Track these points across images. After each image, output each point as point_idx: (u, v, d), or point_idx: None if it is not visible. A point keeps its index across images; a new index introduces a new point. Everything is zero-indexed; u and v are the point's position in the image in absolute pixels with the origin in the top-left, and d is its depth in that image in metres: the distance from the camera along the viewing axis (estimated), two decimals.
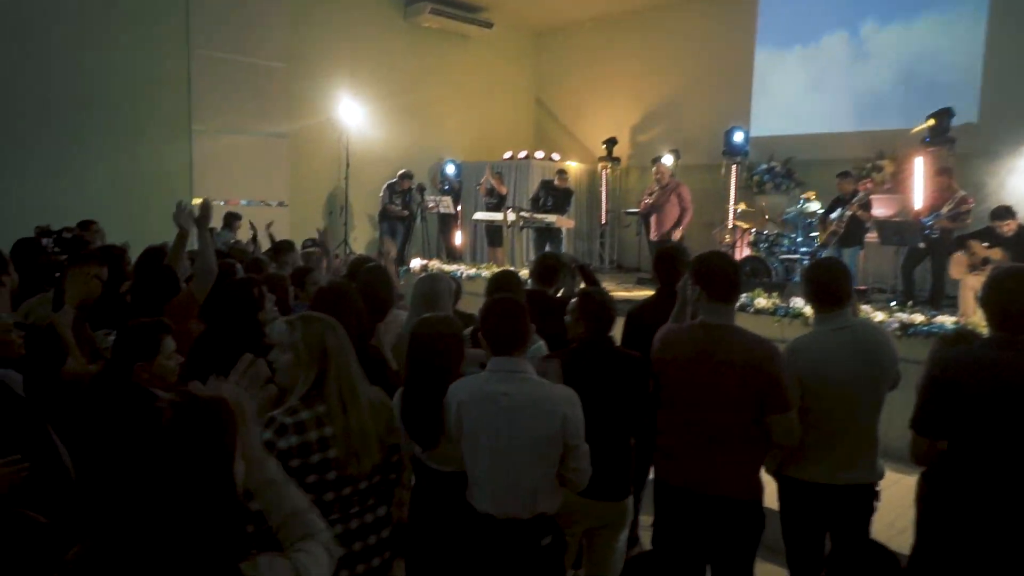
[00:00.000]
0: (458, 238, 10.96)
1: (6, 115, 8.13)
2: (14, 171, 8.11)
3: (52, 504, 2.25)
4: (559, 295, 3.98)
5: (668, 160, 9.48)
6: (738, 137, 9.95)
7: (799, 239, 8.31)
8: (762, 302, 5.78)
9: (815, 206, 8.40)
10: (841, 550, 2.70)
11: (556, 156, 11.83)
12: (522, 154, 11.63)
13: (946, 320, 4.95)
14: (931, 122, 7.92)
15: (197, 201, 8.74)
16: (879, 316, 5.11)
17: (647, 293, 8.04)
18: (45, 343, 2.80)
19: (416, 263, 9.20)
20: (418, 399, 2.43)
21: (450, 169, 11.74)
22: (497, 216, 9.70)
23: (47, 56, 8.39)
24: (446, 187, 11.37)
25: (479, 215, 10.23)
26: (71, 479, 2.50)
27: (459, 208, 11.03)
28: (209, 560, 1.05)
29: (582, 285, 4.20)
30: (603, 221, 12.03)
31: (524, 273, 7.93)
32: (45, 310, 3.65)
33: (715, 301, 2.65)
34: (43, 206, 7.79)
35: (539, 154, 11.70)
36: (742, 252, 9.01)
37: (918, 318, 5.00)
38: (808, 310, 5.44)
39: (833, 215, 7.73)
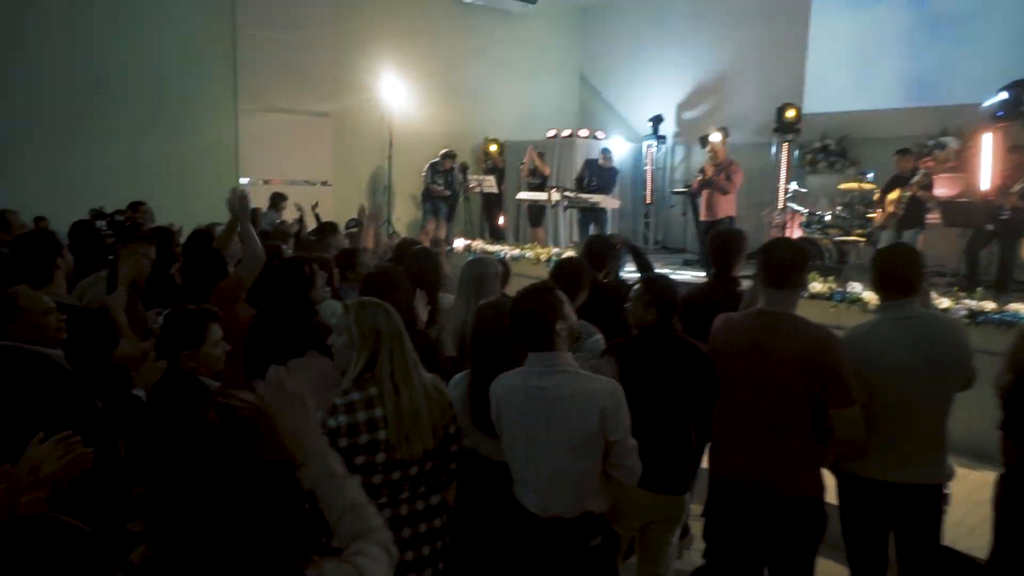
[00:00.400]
0: (502, 218, 10.89)
1: (57, 97, 8.31)
2: (66, 151, 8.29)
3: (103, 487, 2.27)
4: (606, 280, 3.88)
5: (716, 138, 9.21)
6: (790, 114, 9.60)
7: (854, 220, 8.00)
8: (817, 286, 5.57)
9: (871, 186, 8.06)
10: (911, 555, 2.56)
11: (600, 134, 11.61)
12: (566, 132, 11.45)
13: (1020, 308, 4.68)
14: (1004, 95, 7.48)
15: (244, 181, 8.75)
16: (944, 303, 4.86)
17: (693, 273, 7.92)
18: (96, 326, 2.82)
19: (459, 243, 9.16)
20: (487, 386, 2.38)
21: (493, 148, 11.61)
22: (540, 196, 9.58)
23: (96, 38, 8.52)
24: (490, 166, 11.27)
25: (522, 195, 10.13)
26: (121, 459, 2.52)
27: (503, 187, 10.94)
28: (269, 567, 1.02)
29: (626, 267, 4.08)
30: (648, 200, 11.81)
31: (569, 254, 7.84)
32: (100, 289, 3.71)
33: (770, 287, 2.54)
34: (93, 186, 7.95)
35: (583, 132, 11.49)
36: (792, 234, 8.72)
37: (988, 305, 4.74)
38: (867, 295, 5.24)
39: (891, 195, 7.40)
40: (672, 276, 5.36)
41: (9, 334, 2.33)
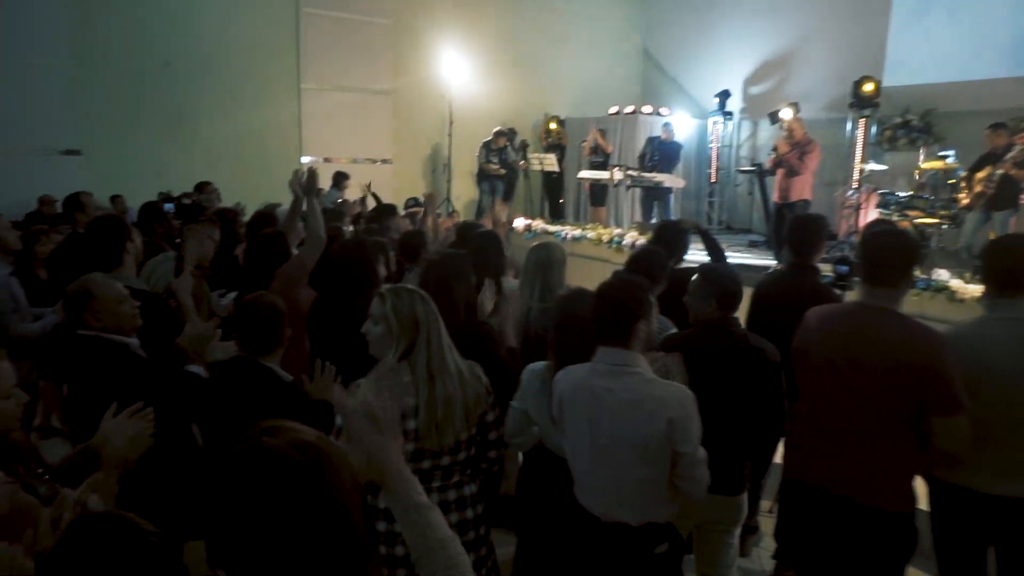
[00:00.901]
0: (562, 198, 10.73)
1: (129, 80, 8.53)
2: (137, 133, 8.52)
3: (179, 473, 2.29)
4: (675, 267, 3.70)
5: (788, 114, 8.78)
6: (868, 88, 9.05)
7: (937, 201, 7.52)
8: None
9: (955, 165, 7.55)
10: (1013, 575, 2.35)
11: (664, 111, 11.25)
12: (629, 109, 11.13)
13: None
14: None
15: (306, 160, 8.83)
16: None
17: (759, 256, 7.59)
18: (165, 311, 2.85)
19: (519, 222, 9.05)
20: None
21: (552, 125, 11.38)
22: (603, 175, 9.37)
23: (164, 21, 8.69)
24: (552, 142, 11.08)
25: (584, 173, 9.93)
26: (198, 447, 2.53)
27: (564, 165, 10.74)
28: None
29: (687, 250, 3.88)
30: (713, 179, 11.42)
31: (633, 236, 7.64)
32: (167, 269, 3.76)
33: (866, 283, 2.35)
34: (163, 166, 8.17)
35: (647, 109, 11.15)
36: (867, 215, 8.27)
37: None
38: (955, 283, 4.91)
39: (980, 174, 6.91)
40: (737, 259, 5.08)
41: (87, 322, 2.36)
